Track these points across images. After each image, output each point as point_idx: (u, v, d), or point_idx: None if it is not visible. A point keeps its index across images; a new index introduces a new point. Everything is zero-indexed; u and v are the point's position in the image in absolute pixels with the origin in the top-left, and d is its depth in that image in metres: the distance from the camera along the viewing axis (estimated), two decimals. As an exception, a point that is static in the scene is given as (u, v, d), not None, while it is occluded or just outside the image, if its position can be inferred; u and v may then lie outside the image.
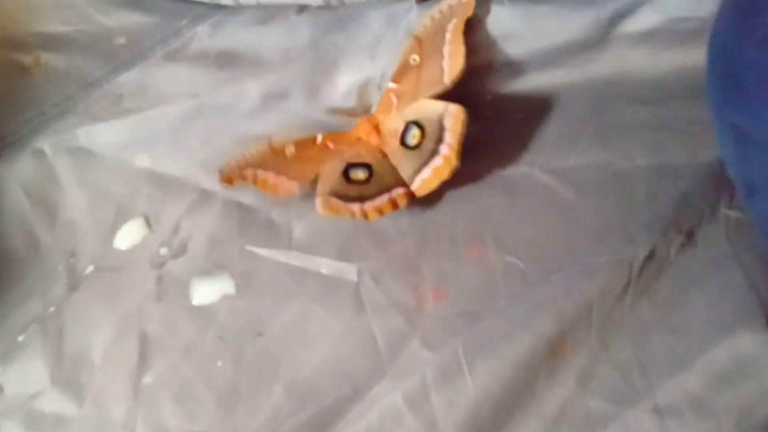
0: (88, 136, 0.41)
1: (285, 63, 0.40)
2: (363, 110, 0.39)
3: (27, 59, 0.43)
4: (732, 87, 0.29)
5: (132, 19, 0.43)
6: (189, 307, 0.36)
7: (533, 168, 0.36)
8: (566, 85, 0.38)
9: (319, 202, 0.35)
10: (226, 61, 0.41)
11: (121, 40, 0.43)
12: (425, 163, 0.35)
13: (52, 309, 0.37)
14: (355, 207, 0.34)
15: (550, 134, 0.37)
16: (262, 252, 0.36)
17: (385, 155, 0.37)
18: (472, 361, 0.30)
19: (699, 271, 0.32)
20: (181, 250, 0.37)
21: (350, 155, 0.37)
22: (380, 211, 0.34)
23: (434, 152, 0.35)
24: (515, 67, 0.39)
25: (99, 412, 0.33)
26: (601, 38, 0.38)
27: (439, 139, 0.35)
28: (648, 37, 0.38)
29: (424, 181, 0.35)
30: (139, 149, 0.40)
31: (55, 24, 0.43)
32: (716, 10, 0.31)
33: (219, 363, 0.34)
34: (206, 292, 0.36)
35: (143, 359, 0.34)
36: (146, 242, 0.38)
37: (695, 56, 0.37)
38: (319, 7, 0.41)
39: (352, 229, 0.36)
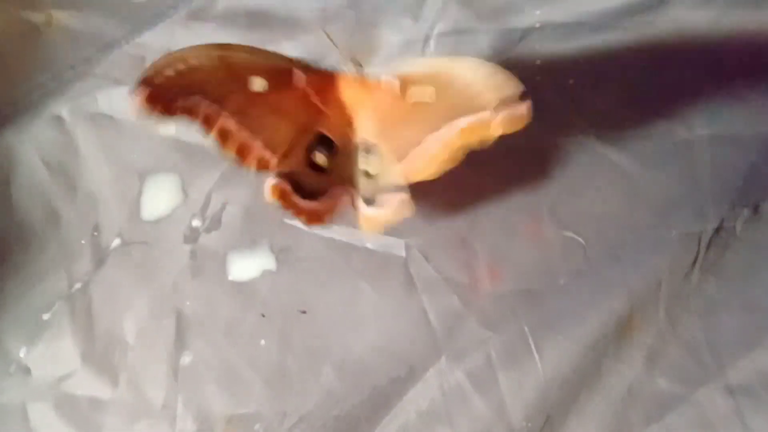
0: (108, 100, 0.38)
1: (322, 23, 0.37)
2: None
3: (38, 18, 0.40)
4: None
5: (151, -26, 0.40)
6: (227, 283, 0.34)
7: (589, 137, 0.35)
8: (622, 49, 0.36)
9: (269, 184, 0.26)
10: (258, 20, 0.38)
11: (141, -3, 0.40)
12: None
13: (78, 285, 0.34)
14: (303, 204, 0.27)
15: (605, 101, 0.35)
16: (303, 226, 0.34)
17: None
18: (540, 339, 0.29)
19: (766, 246, 0.31)
20: (215, 223, 0.35)
21: (325, 124, 0.27)
22: (319, 219, 0.27)
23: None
24: (567, 30, 0.37)
25: (136, 394, 0.32)
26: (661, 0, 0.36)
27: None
28: (711, -2, 0.36)
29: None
30: (165, 116, 0.38)
31: (68, -21, 0.40)
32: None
33: (263, 342, 0.32)
34: (245, 267, 0.34)
35: (180, 338, 0.33)
36: (176, 215, 0.36)
37: (760, 18, 0.35)
38: (358, -37, 0.39)
39: (398, 201, 0.34)
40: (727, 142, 0.33)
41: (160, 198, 0.36)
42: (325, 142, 0.27)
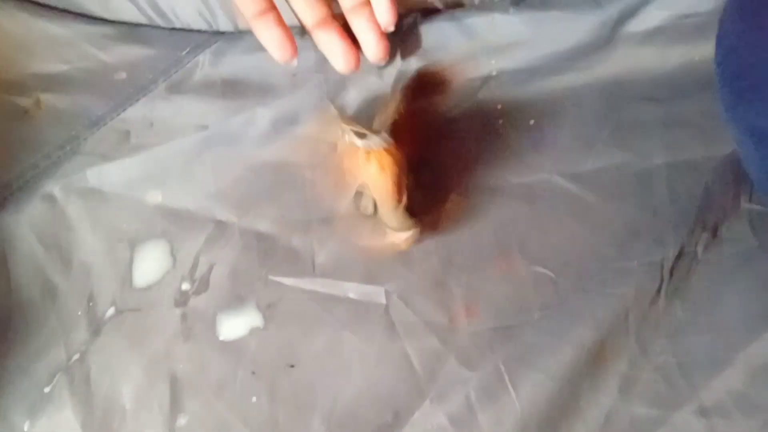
0: (97, 176, 0.40)
1: (293, 87, 0.40)
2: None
3: (26, 102, 0.42)
4: (746, 88, 0.29)
5: (131, 52, 0.43)
6: (217, 343, 0.35)
7: (552, 174, 0.36)
8: (577, 89, 0.38)
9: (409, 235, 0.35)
10: (232, 89, 0.40)
11: (122, 75, 0.42)
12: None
13: (76, 356, 0.36)
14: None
15: (565, 139, 0.37)
16: (287, 281, 0.36)
17: None
18: (515, 376, 0.30)
19: (728, 267, 0.32)
20: (203, 285, 0.37)
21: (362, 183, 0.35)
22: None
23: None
24: (524, 75, 0.39)
25: (136, 460, 0.33)
26: (608, 39, 0.38)
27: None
28: (655, 35, 0.38)
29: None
30: (151, 186, 0.39)
31: (53, 63, 0.42)
32: (720, 4, 0.31)
33: (254, 399, 0.33)
34: (233, 326, 0.35)
35: (175, 401, 0.34)
36: (166, 279, 0.37)
37: (702, 51, 0.37)
38: (322, 28, 0.41)
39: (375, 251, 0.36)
40: (682, 168, 0.35)
41: (150, 264, 0.38)
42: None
